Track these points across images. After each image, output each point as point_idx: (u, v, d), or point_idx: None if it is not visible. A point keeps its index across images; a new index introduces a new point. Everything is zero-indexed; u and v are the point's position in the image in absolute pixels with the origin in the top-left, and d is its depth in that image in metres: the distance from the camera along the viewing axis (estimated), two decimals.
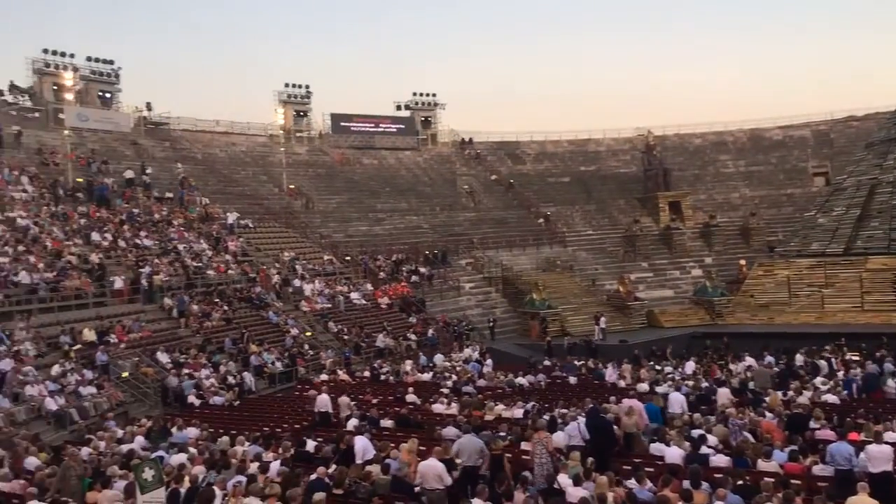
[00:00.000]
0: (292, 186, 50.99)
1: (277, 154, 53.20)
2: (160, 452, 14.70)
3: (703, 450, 13.46)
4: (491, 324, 40.54)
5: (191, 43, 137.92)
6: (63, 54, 47.61)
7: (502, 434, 14.49)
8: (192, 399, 23.92)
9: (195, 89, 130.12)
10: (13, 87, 46.26)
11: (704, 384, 22.27)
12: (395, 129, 62.38)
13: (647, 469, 12.10)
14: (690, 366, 27.11)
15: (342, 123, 60.55)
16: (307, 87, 59.58)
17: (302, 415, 21.02)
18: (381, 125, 61.99)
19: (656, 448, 14.32)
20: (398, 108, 63.86)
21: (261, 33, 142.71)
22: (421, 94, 63.76)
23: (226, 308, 32.46)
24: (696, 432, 14.53)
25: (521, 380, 26.29)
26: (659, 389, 20.97)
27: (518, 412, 19.03)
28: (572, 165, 62.99)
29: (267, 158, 54.38)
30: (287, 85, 58.88)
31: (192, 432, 17.32)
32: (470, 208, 55.23)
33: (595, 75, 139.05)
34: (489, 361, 31.06)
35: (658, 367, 27.44)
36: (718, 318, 41.77)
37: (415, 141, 62.71)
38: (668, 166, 57.25)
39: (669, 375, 24.84)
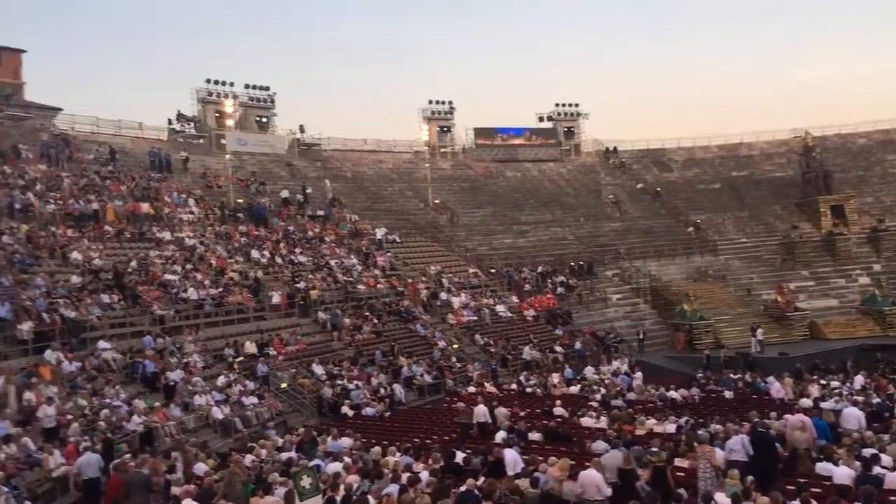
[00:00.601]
0: (437, 201, 51.87)
1: (422, 170, 54.21)
2: (317, 461, 15.24)
3: (876, 470, 12.52)
4: (640, 336, 39.58)
5: (337, 65, 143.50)
6: (224, 83, 50.50)
7: (654, 450, 14.09)
8: (345, 409, 24.73)
9: (343, 109, 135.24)
10: (180, 116, 49.57)
11: (875, 400, 20.82)
12: (538, 141, 62.27)
13: (813, 490, 11.39)
14: (859, 380, 25.39)
15: (485, 137, 61.07)
16: (450, 102, 60.47)
17: (451, 426, 21.24)
18: (523, 137, 62.06)
19: (823, 467, 13.46)
20: (540, 119, 63.56)
21: (405, 52, 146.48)
22: (563, 105, 63.15)
23: (376, 321, 33.39)
24: (867, 451, 13.55)
25: (673, 393, 25.49)
26: (825, 405, 19.77)
27: (670, 427, 18.49)
28: (723, 171, 60.44)
29: (412, 174, 55.62)
30: (431, 101, 60.02)
31: (346, 442, 17.87)
32: (616, 218, 54.14)
33: (746, 76, 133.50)
34: (639, 374, 30.27)
35: (823, 382, 25.89)
36: (890, 329, 38.96)
37: (558, 152, 62.18)
38: (829, 168, 53.68)
39: (836, 390, 23.38)
